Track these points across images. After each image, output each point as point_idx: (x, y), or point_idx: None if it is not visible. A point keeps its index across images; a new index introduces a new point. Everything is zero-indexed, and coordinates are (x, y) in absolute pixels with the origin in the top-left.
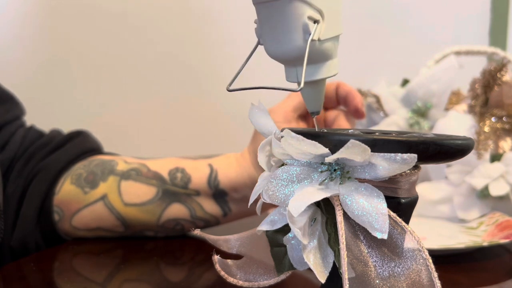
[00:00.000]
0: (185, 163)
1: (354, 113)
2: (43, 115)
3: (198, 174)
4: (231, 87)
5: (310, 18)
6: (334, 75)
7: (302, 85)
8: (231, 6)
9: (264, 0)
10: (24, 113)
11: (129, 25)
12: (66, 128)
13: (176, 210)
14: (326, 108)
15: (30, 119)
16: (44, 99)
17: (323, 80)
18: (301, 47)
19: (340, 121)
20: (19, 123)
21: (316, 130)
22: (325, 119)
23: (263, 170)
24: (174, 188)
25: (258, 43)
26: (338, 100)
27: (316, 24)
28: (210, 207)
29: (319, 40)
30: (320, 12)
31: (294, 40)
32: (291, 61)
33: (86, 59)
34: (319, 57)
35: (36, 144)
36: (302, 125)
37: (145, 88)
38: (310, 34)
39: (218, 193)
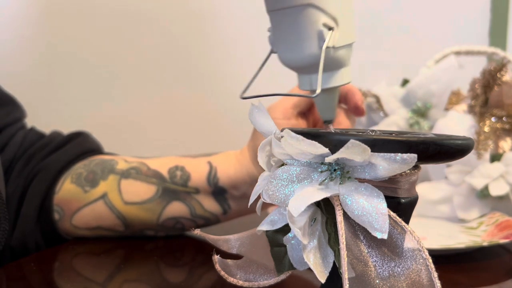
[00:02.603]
0: (185, 161)
1: (354, 110)
2: (43, 116)
3: (198, 172)
4: (245, 95)
5: (324, 25)
6: (347, 83)
7: (318, 91)
8: (232, 6)
9: (278, 8)
10: (25, 116)
11: (129, 24)
12: (67, 128)
13: (176, 208)
14: None
15: (30, 120)
16: (44, 100)
17: (336, 88)
18: (315, 54)
19: (340, 118)
20: (19, 125)
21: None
22: None
23: (262, 167)
24: (173, 186)
25: (272, 51)
26: (339, 98)
27: (330, 31)
28: (209, 205)
29: (333, 47)
30: (334, 20)
31: (309, 47)
32: (305, 69)
33: (87, 59)
34: (333, 64)
35: (36, 145)
36: (301, 122)
37: (145, 88)
38: (324, 41)
39: (218, 191)
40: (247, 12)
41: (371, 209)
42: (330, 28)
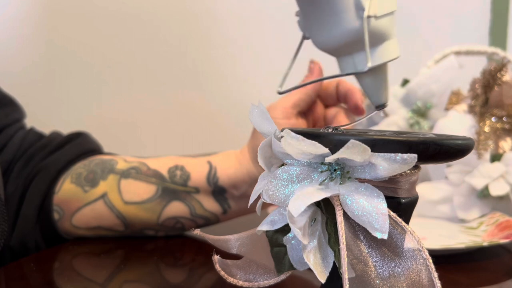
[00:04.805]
0: (185, 160)
1: (354, 110)
2: (42, 116)
3: (197, 171)
4: (282, 89)
5: None
6: (396, 58)
7: (369, 64)
8: (233, 5)
9: None
10: (25, 116)
11: (129, 25)
12: (66, 128)
13: (176, 208)
14: (326, 106)
15: (30, 120)
16: (43, 101)
17: (384, 66)
18: (356, 28)
19: (340, 118)
20: (19, 125)
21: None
22: (325, 116)
23: (262, 167)
24: (173, 186)
25: (304, 38)
26: (339, 97)
27: None
28: (209, 204)
29: (375, 16)
30: None
31: (347, 20)
32: (345, 48)
33: (86, 59)
34: (377, 37)
35: (35, 146)
36: (301, 122)
37: (145, 88)
38: (364, 10)
39: (218, 190)
40: (247, 12)
41: (371, 209)
42: None
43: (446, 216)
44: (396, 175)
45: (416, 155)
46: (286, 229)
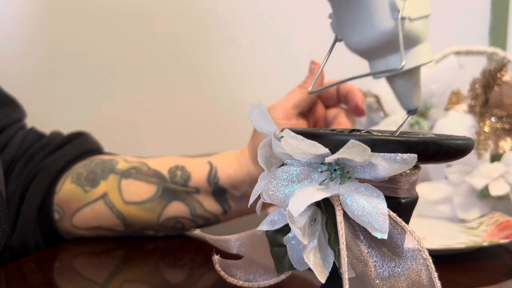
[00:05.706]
0: (185, 161)
1: (354, 110)
2: (43, 116)
3: (198, 172)
4: (312, 89)
5: None
6: (429, 62)
7: (403, 63)
8: (233, 5)
9: None
10: (25, 116)
11: (129, 25)
12: (66, 128)
13: (176, 208)
14: (327, 106)
15: (30, 120)
16: (44, 101)
17: (417, 69)
18: (389, 29)
19: (341, 118)
20: (19, 125)
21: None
22: (325, 117)
23: (262, 167)
24: (174, 186)
25: (336, 39)
26: (339, 98)
27: (403, 0)
28: (210, 204)
29: (409, 18)
30: None
31: (381, 21)
32: (378, 51)
33: (87, 60)
34: (410, 40)
35: (35, 146)
36: (302, 123)
37: (145, 88)
38: (399, 12)
39: (218, 191)
40: (247, 12)
41: (371, 209)
42: None
43: (446, 216)
44: (396, 175)
45: (416, 155)
46: (286, 229)
